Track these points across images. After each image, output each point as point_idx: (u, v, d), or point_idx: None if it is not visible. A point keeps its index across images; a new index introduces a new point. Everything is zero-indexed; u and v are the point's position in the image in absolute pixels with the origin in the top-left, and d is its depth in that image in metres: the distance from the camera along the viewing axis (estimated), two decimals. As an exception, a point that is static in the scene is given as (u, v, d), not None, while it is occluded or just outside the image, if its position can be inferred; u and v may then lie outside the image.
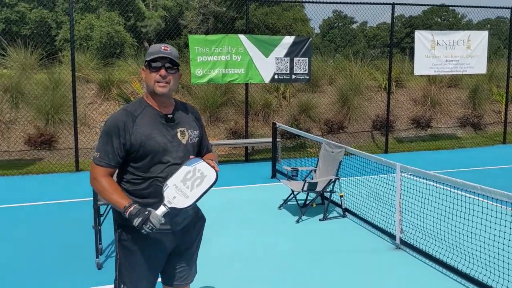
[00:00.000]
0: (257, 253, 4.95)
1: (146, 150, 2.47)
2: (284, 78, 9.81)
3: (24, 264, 4.70)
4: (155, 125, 2.52)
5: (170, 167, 2.51)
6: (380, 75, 13.43)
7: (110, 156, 2.48)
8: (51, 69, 11.47)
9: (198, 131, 2.69)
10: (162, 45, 2.54)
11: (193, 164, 2.49)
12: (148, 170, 2.50)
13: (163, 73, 2.49)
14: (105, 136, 2.49)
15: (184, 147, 2.58)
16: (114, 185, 2.50)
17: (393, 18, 10.52)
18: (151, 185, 2.51)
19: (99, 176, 2.49)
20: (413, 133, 12.68)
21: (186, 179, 2.46)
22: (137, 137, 2.46)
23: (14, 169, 8.91)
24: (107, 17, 24.65)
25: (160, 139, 2.50)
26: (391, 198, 6.33)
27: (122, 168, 2.57)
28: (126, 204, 2.41)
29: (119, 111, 2.55)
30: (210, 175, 2.47)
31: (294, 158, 10.05)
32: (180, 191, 2.43)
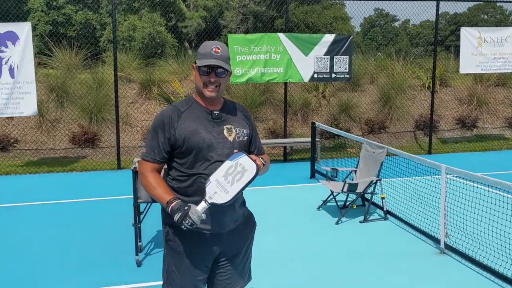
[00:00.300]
0: (295, 255, 4.87)
1: (190, 146, 2.43)
2: (324, 77, 9.67)
3: (65, 260, 4.81)
4: (201, 121, 2.48)
5: (215, 164, 2.44)
6: (424, 74, 13.04)
7: (156, 151, 2.47)
8: (94, 69, 11.77)
9: (248, 130, 2.61)
10: (213, 46, 2.45)
11: (235, 159, 2.41)
12: (193, 166, 2.46)
13: (213, 78, 2.44)
14: (152, 131, 2.50)
15: (231, 145, 2.50)
16: (159, 180, 2.48)
17: (438, 15, 10.18)
18: (195, 182, 2.46)
19: (145, 171, 2.49)
20: (458, 133, 12.25)
21: (227, 174, 2.39)
22: (181, 132, 2.43)
23: (59, 166, 9.19)
24: (149, 18, 25.12)
25: (205, 135, 2.45)
26: (435, 201, 6.11)
27: (169, 165, 2.56)
28: (169, 199, 2.38)
29: (167, 107, 2.54)
30: (251, 169, 2.38)
31: (333, 159, 9.89)
32: (221, 186, 2.37)
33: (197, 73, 2.48)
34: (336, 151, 10.73)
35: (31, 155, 9.86)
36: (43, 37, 22.18)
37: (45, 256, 4.89)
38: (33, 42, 8.36)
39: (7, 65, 8.13)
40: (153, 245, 5.18)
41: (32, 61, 8.27)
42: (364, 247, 5.05)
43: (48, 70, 11.33)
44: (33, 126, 10.32)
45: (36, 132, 10.27)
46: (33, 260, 4.80)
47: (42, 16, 25.51)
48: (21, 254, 4.94)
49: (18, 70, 8.17)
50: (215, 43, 2.45)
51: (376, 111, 12.03)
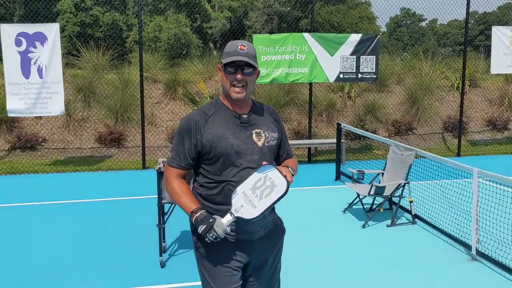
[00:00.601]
0: (321, 259, 4.78)
1: (218, 152, 2.33)
2: (350, 77, 9.52)
3: (88, 260, 4.83)
4: (228, 126, 2.36)
5: (244, 171, 2.33)
6: (452, 74, 12.73)
7: (181, 156, 2.39)
8: (121, 69, 11.89)
9: (277, 133, 2.49)
10: (238, 44, 2.35)
11: (264, 171, 2.28)
12: (221, 173, 2.36)
13: (239, 76, 2.33)
14: (178, 136, 2.41)
15: (260, 150, 2.39)
16: (184, 188, 2.39)
17: (468, 13, 9.91)
18: (224, 189, 2.35)
19: (170, 177, 2.41)
20: (488, 135, 11.91)
21: (255, 187, 2.25)
22: (208, 138, 2.33)
23: (85, 165, 9.29)
24: (174, 19, 25.31)
25: (233, 140, 2.34)
26: (465, 205, 5.93)
27: (197, 171, 2.46)
28: (194, 209, 2.29)
29: (193, 111, 2.44)
30: (281, 185, 2.24)
31: (359, 160, 9.73)
32: (248, 200, 2.24)
33: (223, 74, 2.38)
34: (361, 153, 10.56)
35: (58, 154, 10.01)
36: (71, 38, 22.59)
37: (68, 256, 4.92)
38: (61, 43, 8.48)
39: (36, 65, 8.26)
40: (177, 246, 5.16)
41: (60, 62, 8.38)
42: (392, 252, 4.92)
43: (76, 71, 11.50)
44: (61, 126, 10.48)
45: (63, 131, 10.43)
46: (56, 259, 4.84)
47: (70, 18, 25.98)
48: (45, 253, 4.99)
49: (46, 70, 8.30)
50: (241, 41, 2.36)
51: (403, 112, 11.80)
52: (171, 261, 4.74)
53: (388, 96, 11.99)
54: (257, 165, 2.35)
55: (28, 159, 9.64)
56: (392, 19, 50.55)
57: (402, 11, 52.42)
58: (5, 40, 8.17)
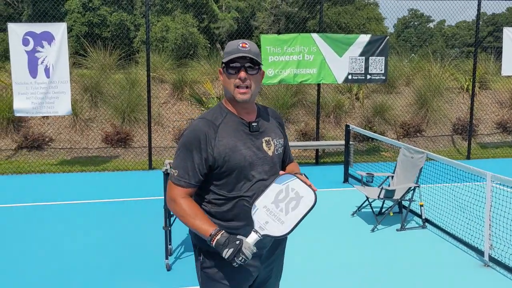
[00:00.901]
0: (329, 264, 4.69)
1: (231, 165, 2.13)
2: (359, 79, 9.42)
3: (92, 262, 4.77)
4: (239, 135, 2.18)
5: (257, 184, 2.17)
6: (462, 76, 12.59)
7: (190, 173, 2.15)
8: (128, 69, 11.86)
9: (283, 139, 2.36)
10: (240, 42, 2.18)
11: (284, 182, 2.10)
12: (233, 188, 2.17)
13: (243, 75, 2.14)
14: (184, 151, 2.16)
15: (271, 160, 2.24)
16: (196, 208, 2.16)
17: (479, 14, 9.77)
18: (237, 205, 2.17)
19: (178, 197, 2.16)
20: (499, 138, 11.75)
21: (278, 200, 2.06)
22: (220, 150, 2.13)
23: (91, 166, 9.25)
24: (181, 19, 25.29)
25: (246, 151, 2.16)
26: (476, 209, 5.81)
27: (203, 187, 2.23)
28: (212, 232, 2.06)
29: (198, 120, 2.20)
30: (308, 196, 2.08)
31: (367, 163, 9.62)
32: (272, 215, 2.04)
33: (225, 75, 2.19)
34: (369, 155, 10.45)
35: (65, 154, 9.98)
36: (79, 38, 22.64)
37: (73, 257, 4.87)
38: (69, 43, 8.45)
39: (43, 65, 8.23)
40: (183, 248, 5.09)
41: (67, 61, 8.35)
42: (402, 257, 4.82)
43: (83, 70, 11.48)
44: (67, 126, 10.45)
45: (70, 131, 10.40)
46: (61, 260, 4.78)
47: (78, 18, 26.06)
48: (50, 254, 4.93)
49: (53, 70, 8.26)
50: (242, 40, 2.18)
51: (411, 114, 11.68)
52: (177, 264, 4.67)
53: (397, 98, 11.87)
54: (268, 176, 2.21)
55: (35, 159, 9.62)
56: (400, 20, 50.38)
57: (410, 12, 52.21)
58: (13, 40, 8.15)
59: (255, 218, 2.05)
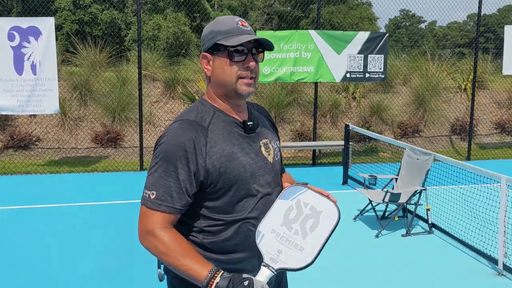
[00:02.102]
0: (332, 272, 4.40)
1: (228, 179, 1.64)
2: (357, 77, 9.15)
3: (80, 269, 4.45)
4: (234, 139, 1.69)
5: (263, 200, 1.70)
6: (460, 76, 12.39)
7: (174, 194, 1.60)
8: (119, 67, 11.50)
9: (278, 141, 1.90)
10: (237, 19, 1.69)
11: (293, 196, 1.62)
12: (233, 208, 1.67)
13: (253, 64, 1.67)
14: (163, 165, 1.60)
15: (272, 168, 1.78)
16: (184, 242, 1.61)
17: (480, 11, 9.56)
18: (240, 232, 1.67)
19: (156, 228, 1.58)
20: (497, 138, 11.56)
21: (289, 221, 1.59)
22: (214, 160, 1.62)
23: (80, 166, 8.90)
24: (173, 17, 24.95)
25: (244, 159, 1.68)
26: (488, 214, 5.56)
27: (190, 212, 1.68)
28: (208, 273, 1.53)
29: (179, 122, 1.67)
30: (328, 209, 1.61)
31: (365, 163, 9.36)
32: (286, 241, 1.56)
33: (225, 62, 1.67)
34: (367, 156, 10.20)
35: (53, 154, 9.61)
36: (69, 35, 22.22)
37: (60, 264, 4.54)
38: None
39: (29, 61, 7.87)
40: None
41: (55, 58, 7.99)
42: (408, 265, 4.55)
43: (72, 68, 11.11)
44: (56, 125, 10.08)
45: (58, 130, 10.03)
46: (48, 267, 4.45)
47: (68, 15, 25.62)
48: (36, 261, 4.60)
49: (40, 67, 7.90)
50: (236, 17, 1.71)
51: (409, 113, 11.45)
52: (171, 273, 4.36)
53: (394, 97, 11.63)
54: (272, 190, 1.74)
55: (21, 159, 9.24)
56: (392, 21, 50.49)
57: (401, 13, 52.28)
58: (-3, 34, 7.78)
59: (263, 248, 1.56)
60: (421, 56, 13.15)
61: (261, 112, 1.92)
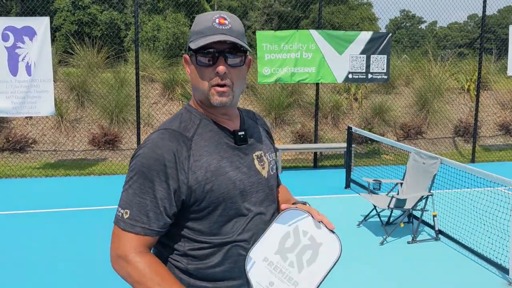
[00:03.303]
0: (334, 281, 4.22)
1: (215, 197, 1.44)
2: (360, 78, 8.97)
3: (77, 276, 4.26)
4: (222, 151, 1.49)
5: (255, 221, 1.51)
6: (463, 76, 12.21)
7: (151, 214, 1.40)
8: (117, 68, 11.32)
9: (274, 153, 1.70)
10: (215, 15, 1.45)
11: (291, 222, 1.43)
12: (220, 230, 1.47)
13: (221, 69, 1.42)
14: (139, 180, 1.41)
15: (266, 183, 1.57)
16: (161, 269, 1.40)
17: (485, 11, 9.38)
18: (229, 256, 1.48)
19: (130, 253, 1.39)
20: (501, 140, 11.38)
21: (285, 250, 1.40)
22: (198, 176, 1.42)
23: (77, 169, 8.71)
24: (173, 18, 24.80)
25: (234, 174, 1.48)
26: (498, 220, 5.37)
27: (171, 233, 1.49)
28: None
29: (159, 132, 1.47)
30: (329, 243, 1.41)
31: (367, 166, 9.18)
32: (279, 273, 1.38)
33: (195, 67, 1.48)
34: (369, 158, 10.01)
35: (49, 157, 9.43)
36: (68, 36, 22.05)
37: (56, 270, 4.36)
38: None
39: (24, 62, 7.69)
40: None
41: (50, 58, 7.81)
42: (415, 273, 4.36)
43: (69, 69, 10.93)
44: (52, 127, 9.90)
45: (55, 132, 9.85)
46: (43, 273, 4.27)
47: (68, 16, 25.46)
48: (31, 267, 4.41)
49: (35, 68, 7.72)
50: (219, 12, 1.47)
51: (412, 115, 11.27)
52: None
53: (396, 98, 11.45)
54: (265, 208, 1.54)
55: (17, 162, 9.06)
56: (392, 21, 50.39)
57: (401, 13, 52.15)
58: (-9, 35, 7.60)
59: (253, 278, 1.38)
60: (423, 56, 12.98)
61: (256, 121, 1.71)
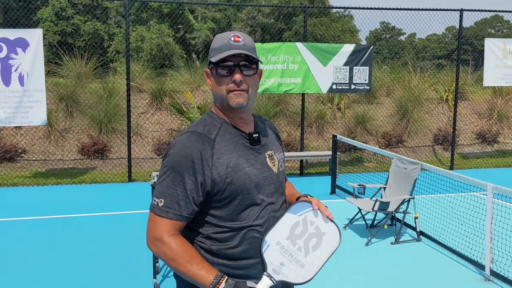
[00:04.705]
0: (322, 280, 4.48)
1: (234, 189, 1.73)
2: (343, 88, 9.33)
3: (73, 282, 4.44)
4: (240, 150, 1.79)
5: (267, 209, 1.80)
6: (442, 87, 12.70)
7: (182, 203, 1.70)
8: (105, 78, 11.49)
9: (283, 153, 2.02)
10: (231, 35, 1.77)
11: (301, 212, 1.71)
12: (238, 217, 1.76)
13: (238, 77, 1.73)
14: (172, 174, 1.71)
15: (276, 178, 1.88)
16: (190, 249, 1.71)
17: (462, 25, 9.86)
18: (246, 238, 1.76)
19: (165, 235, 1.69)
20: (478, 148, 11.85)
21: (295, 236, 1.69)
22: (220, 171, 1.72)
23: (67, 178, 8.84)
24: (157, 29, 25.02)
25: (250, 170, 1.78)
26: (475, 221, 5.72)
27: (196, 219, 1.79)
28: (214, 279, 1.62)
29: (187, 134, 1.77)
30: (331, 233, 1.70)
31: (351, 173, 9.51)
32: (289, 255, 1.67)
33: (215, 78, 1.79)
34: (353, 166, 10.35)
35: (39, 166, 9.53)
36: (51, 46, 22.09)
37: (51, 277, 4.52)
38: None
39: (17, 72, 7.84)
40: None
41: (43, 69, 7.98)
42: (398, 272, 4.65)
43: (58, 79, 11.06)
44: (42, 136, 10.01)
45: (45, 142, 9.96)
46: (38, 280, 4.43)
47: (51, 26, 25.48)
48: (24, 275, 4.57)
49: (27, 78, 7.88)
50: (233, 32, 1.79)
51: (393, 124, 11.67)
52: (165, 283, 4.38)
53: (378, 108, 11.86)
54: (276, 199, 1.85)
55: (7, 171, 9.14)
56: (372, 33, 51.32)
57: (381, 25, 53.20)
58: (-16, 46, 7.74)
59: (267, 258, 1.66)
60: (403, 67, 13.45)
61: (267, 125, 2.03)
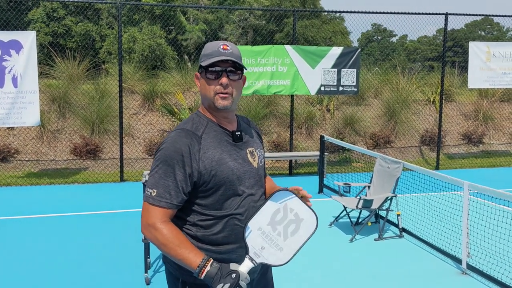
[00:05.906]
0: (309, 274, 4.67)
1: (218, 180, 1.93)
2: (331, 90, 9.54)
3: (66, 279, 4.59)
4: (223, 146, 2.00)
5: (247, 199, 2.00)
6: (429, 89, 12.96)
7: (173, 192, 1.90)
8: (97, 80, 11.62)
9: (263, 150, 2.21)
10: (220, 43, 1.99)
11: (282, 200, 1.87)
12: (221, 206, 1.96)
13: (224, 81, 1.95)
14: (163, 167, 1.91)
15: (256, 172, 2.08)
16: (179, 234, 1.90)
17: (446, 29, 10.12)
18: (227, 225, 1.96)
19: (157, 221, 1.88)
20: (464, 149, 12.12)
21: (275, 222, 1.85)
22: (206, 164, 1.92)
23: (60, 178, 8.97)
24: (149, 30, 25.11)
25: (232, 164, 1.98)
26: (452, 217, 5.94)
27: (184, 208, 1.98)
28: (200, 262, 1.81)
29: (177, 131, 1.98)
30: (309, 219, 1.86)
31: (339, 173, 9.72)
32: (269, 240, 1.83)
33: (204, 81, 2.00)
34: (341, 166, 10.57)
35: (32, 166, 9.65)
36: (43, 47, 22.11)
37: (45, 274, 4.67)
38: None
39: (10, 74, 7.96)
40: (162, 261, 4.97)
41: (36, 71, 8.11)
42: (381, 266, 4.86)
43: (50, 80, 11.18)
44: (34, 137, 10.12)
45: (37, 142, 10.07)
46: (31, 278, 4.58)
47: (42, 27, 25.49)
48: (17, 272, 4.71)
49: (21, 80, 8.00)
50: (223, 41, 2.00)
51: (381, 125, 11.91)
52: (156, 278, 4.54)
53: (366, 110, 12.09)
54: (255, 191, 2.04)
55: (0, 171, 9.26)
56: (364, 35, 51.64)
57: (373, 27, 53.59)
58: (-22, 48, 7.86)
59: (249, 243, 1.83)
60: (392, 69, 13.71)
61: (249, 124, 2.24)
